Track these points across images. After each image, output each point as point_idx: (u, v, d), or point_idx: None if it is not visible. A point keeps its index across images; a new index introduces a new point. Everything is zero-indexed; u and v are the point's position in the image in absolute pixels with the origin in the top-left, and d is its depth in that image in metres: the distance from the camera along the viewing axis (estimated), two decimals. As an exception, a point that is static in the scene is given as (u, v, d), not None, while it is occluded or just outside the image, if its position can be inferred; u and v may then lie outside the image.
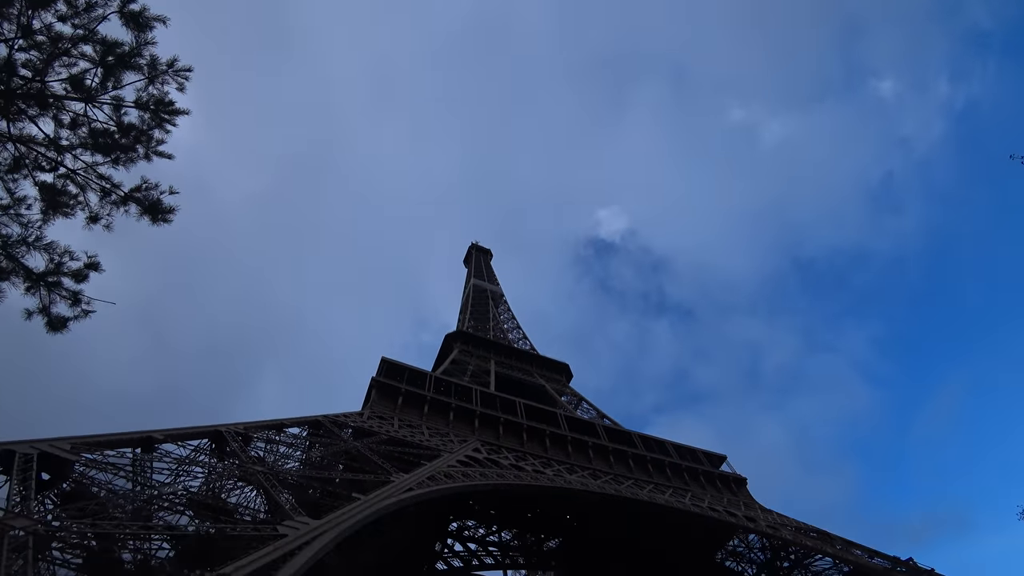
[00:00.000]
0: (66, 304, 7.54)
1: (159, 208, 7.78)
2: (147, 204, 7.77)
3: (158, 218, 7.77)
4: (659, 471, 55.11)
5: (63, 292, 7.49)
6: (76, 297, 7.61)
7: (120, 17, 6.81)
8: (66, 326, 7.60)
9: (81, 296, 7.63)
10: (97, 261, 7.63)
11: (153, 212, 7.77)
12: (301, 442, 39.95)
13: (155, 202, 7.80)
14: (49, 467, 23.14)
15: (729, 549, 52.97)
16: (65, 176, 7.36)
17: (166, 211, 7.82)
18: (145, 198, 7.78)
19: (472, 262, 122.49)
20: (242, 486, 30.67)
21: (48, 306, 7.45)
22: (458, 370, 68.48)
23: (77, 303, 7.56)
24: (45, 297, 7.43)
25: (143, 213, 7.77)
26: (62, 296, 7.49)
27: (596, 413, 70.62)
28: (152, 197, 7.81)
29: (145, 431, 28.54)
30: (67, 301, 7.54)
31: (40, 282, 7.27)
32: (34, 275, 7.21)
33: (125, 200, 7.72)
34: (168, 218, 7.86)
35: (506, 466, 43.36)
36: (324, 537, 25.44)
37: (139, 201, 7.76)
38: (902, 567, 42.09)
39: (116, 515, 22.18)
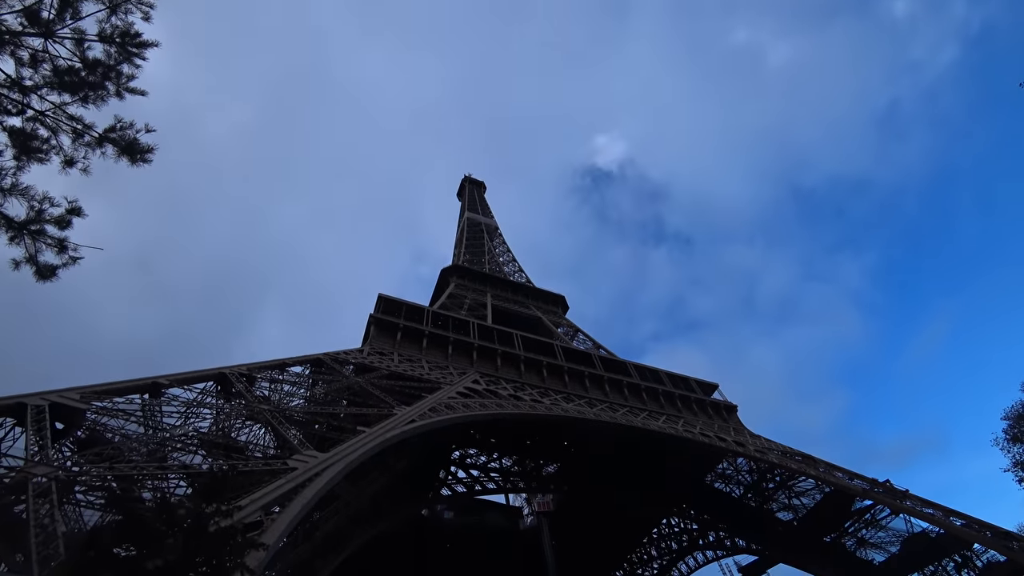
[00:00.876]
0: (52, 252, 7.37)
1: (136, 148, 7.42)
2: (123, 144, 7.42)
3: (136, 158, 7.44)
4: (653, 399, 56.81)
5: (48, 240, 7.30)
6: (62, 244, 7.42)
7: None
8: (55, 274, 7.46)
9: (67, 243, 7.45)
10: (79, 207, 7.39)
11: (130, 152, 7.43)
12: (304, 380, 40.72)
13: (131, 142, 7.44)
14: (61, 416, 23.61)
15: (718, 472, 55.52)
16: (34, 119, 6.98)
17: (144, 151, 7.46)
18: (121, 138, 7.42)
19: (466, 195, 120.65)
20: (250, 425, 31.48)
21: (35, 255, 7.27)
22: (455, 304, 68.99)
23: (64, 250, 7.39)
24: (30, 246, 7.24)
25: (120, 154, 7.43)
26: (47, 244, 7.30)
27: (592, 344, 71.91)
28: (128, 137, 7.44)
29: (151, 377, 28.93)
30: (53, 249, 7.36)
31: (23, 231, 7.07)
32: (15, 224, 6.99)
33: (100, 141, 7.35)
34: (147, 158, 7.52)
35: (505, 396, 44.57)
36: (333, 469, 26.44)
37: (115, 142, 7.40)
38: (879, 488, 44.39)
39: (132, 458, 22.86)
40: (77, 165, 7.35)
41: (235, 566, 12.30)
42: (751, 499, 54.09)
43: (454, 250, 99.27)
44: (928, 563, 42.95)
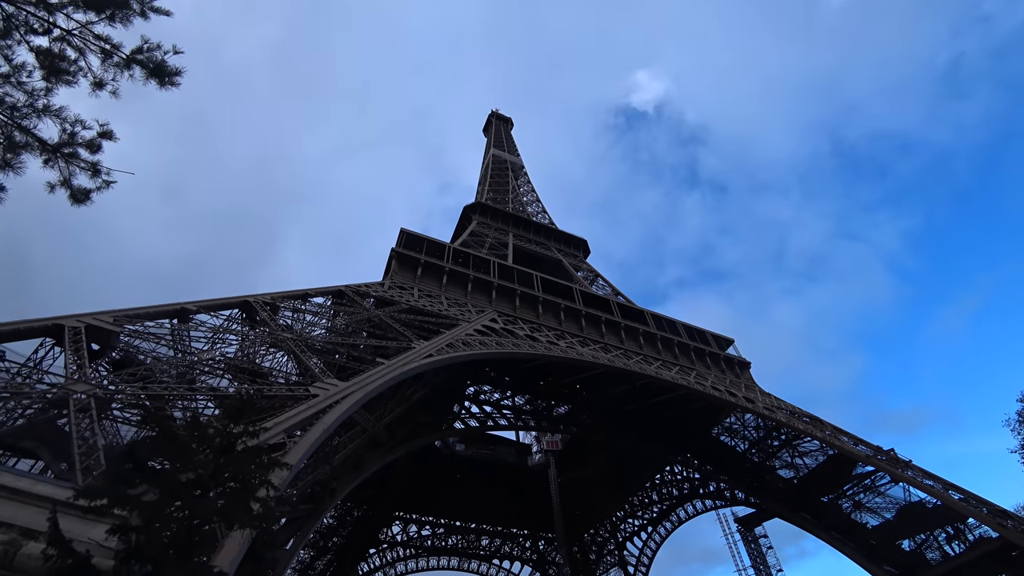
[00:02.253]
0: (86, 176, 7.38)
1: (165, 70, 7.24)
2: (152, 66, 7.24)
3: (165, 81, 7.28)
4: (668, 349, 57.07)
5: (81, 163, 7.29)
6: (95, 168, 7.41)
7: None
8: (89, 197, 7.50)
9: (100, 167, 7.44)
10: (110, 130, 7.32)
11: (159, 74, 7.26)
12: (326, 311, 41.54)
13: (160, 64, 7.26)
14: (97, 338, 24.55)
15: (725, 425, 56.24)
16: (61, 39, 6.80)
17: (172, 73, 7.29)
18: (148, 60, 7.24)
19: (492, 131, 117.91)
20: (274, 352, 32.41)
21: (69, 178, 7.30)
22: (476, 242, 68.89)
23: (97, 174, 7.39)
24: (64, 169, 7.25)
25: (149, 76, 7.27)
26: (81, 168, 7.30)
27: (611, 290, 71.80)
28: (156, 59, 7.25)
29: (179, 303, 29.74)
30: (87, 172, 7.37)
31: (56, 153, 7.05)
32: (49, 146, 6.96)
33: (128, 63, 7.17)
34: (175, 81, 7.36)
35: (521, 336, 45.11)
36: (352, 397, 27.34)
37: (143, 63, 7.22)
38: (883, 456, 44.67)
39: (163, 379, 23.83)
40: (107, 87, 7.23)
41: (261, 482, 12.96)
42: (755, 454, 55.06)
43: (477, 187, 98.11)
44: (920, 532, 43.76)
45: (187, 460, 11.68)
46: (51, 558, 9.32)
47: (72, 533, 10.51)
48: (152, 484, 11.04)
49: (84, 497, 9.38)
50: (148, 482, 10.98)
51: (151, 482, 11.02)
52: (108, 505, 9.81)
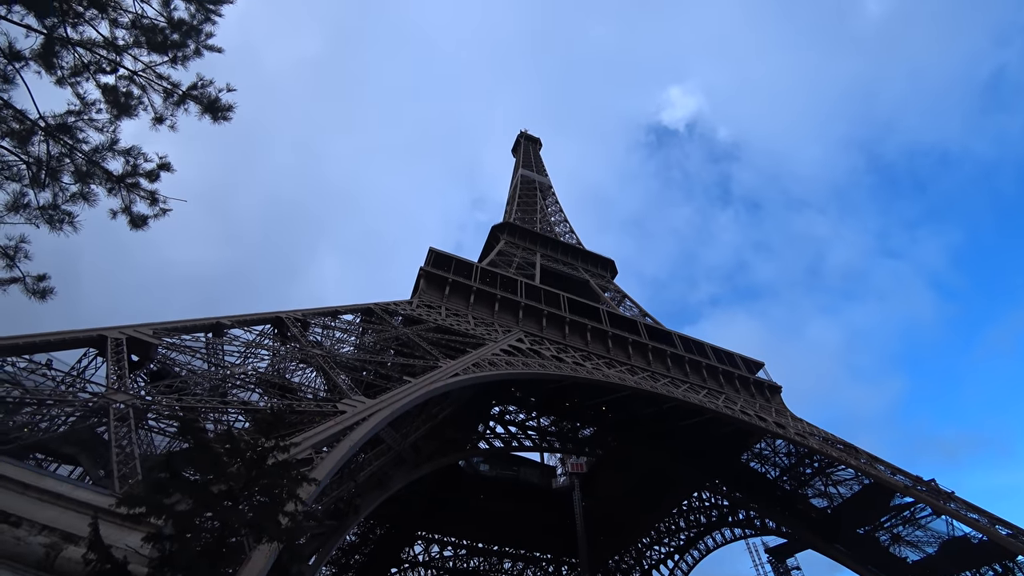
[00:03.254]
0: (145, 204, 7.94)
1: (218, 107, 7.81)
2: (206, 103, 7.80)
3: (218, 116, 7.84)
4: (696, 372, 56.20)
5: (141, 192, 7.87)
6: (153, 197, 7.99)
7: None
8: (146, 223, 8.06)
9: (157, 195, 8.01)
10: (168, 162, 7.92)
11: (213, 111, 7.82)
12: (355, 328, 42.29)
13: (213, 100, 7.81)
14: (136, 349, 25.54)
15: (755, 451, 54.87)
16: (128, 78, 7.41)
17: (225, 109, 7.85)
18: (203, 96, 7.81)
19: (520, 151, 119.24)
20: (303, 367, 33.11)
21: (129, 206, 7.87)
22: (504, 261, 69.37)
23: (155, 202, 7.96)
24: (126, 198, 7.82)
25: (204, 112, 7.83)
26: (141, 196, 7.87)
27: (638, 311, 71.28)
28: (210, 95, 7.82)
29: (215, 317, 30.71)
30: (146, 201, 7.93)
31: (120, 184, 7.63)
32: (114, 177, 7.55)
33: (183, 99, 7.75)
34: (227, 116, 7.90)
35: (548, 357, 45.07)
36: (379, 415, 27.69)
37: (197, 99, 7.79)
38: (923, 486, 42.86)
39: (197, 392, 24.61)
40: (166, 122, 7.79)
41: (289, 496, 13.28)
42: (786, 482, 53.52)
43: (506, 207, 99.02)
44: (966, 569, 41.66)
45: (220, 472, 12.06)
46: (91, 563, 9.72)
47: (110, 539, 10.93)
48: (186, 494, 11.43)
49: (124, 505, 9.80)
50: (182, 492, 11.37)
51: (185, 492, 11.41)
52: (145, 513, 10.21)
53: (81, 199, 7.26)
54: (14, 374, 22.11)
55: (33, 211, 6.99)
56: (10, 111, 6.50)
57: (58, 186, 7.06)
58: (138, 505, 9.95)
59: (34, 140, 6.78)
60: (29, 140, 6.75)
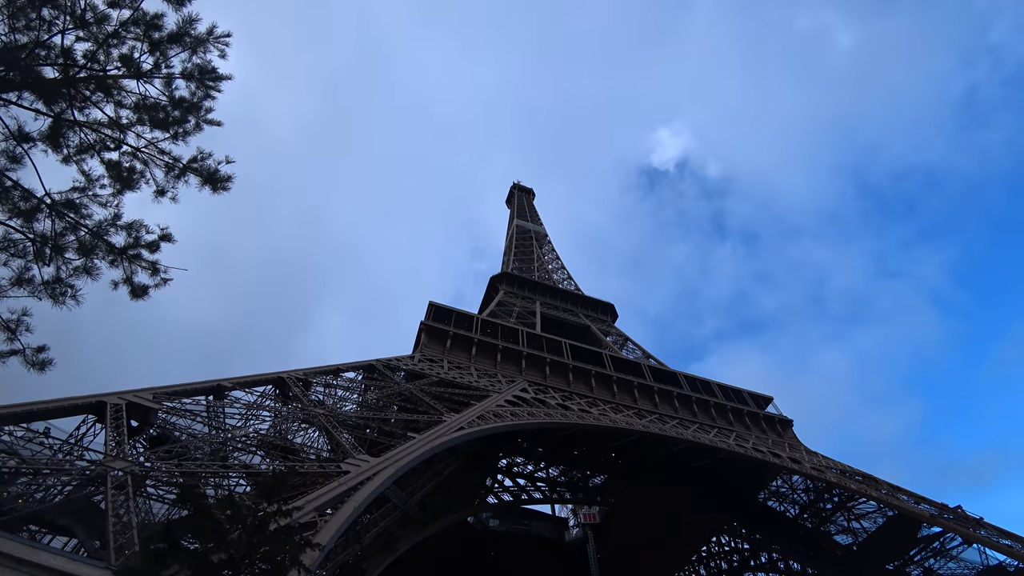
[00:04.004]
0: (146, 274, 8.14)
1: (217, 178, 8.12)
2: (206, 175, 8.13)
3: (217, 187, 8.15)
4: (704, 411, 55.46)
5: (143, 264, 8.08)
6: (154, 267, 8.19)
7: (163, -5, 7.02)
8: (147, 293, 8.22)
9: (158, 265, 8.21)
10: (169, 233, 8.19)
11: (212, 182, 8.13)
12: (357, 385, 41.97)
13: (213, 172, 8.13)
14: (136, 415, 25.33)
15: (772, 489, 53.52)
16: (131, 154, 7.76)
17: (224, 180, 8.16)
18: (203, 168, 8.14)
19: (515, 202, 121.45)
20: (306, 427, 32.70)
21: (131, 276, 8.07)
22: (504, 312, 69.49)
23: (156, 273, 8.16)
24: (127, 269, 8.03)
25: (204, 183, 8.14)
26: (142, 267, 8.08)
27: (641, 353, 70.92)
28: (210, 167, 8.15)
29: (215, 380, 30.58)
30: (147, 271, 8.13)
31: (122, 255, 7.85)
32: (117, 249, 7.78)
33: (184, 172, 8.08)
34: (227, 186, 8.21)
35: (553, 406, 44.55)
36: (384, 473, 27.16)
37: (197, 172, 8.12)
38: (949, 514, 41.57)
39: (197, 456, 24.25)
40: (168, 194, 8.10)
41: (292, 563, 12.92)
42: (807, 520, 51.89)
43: (503, 257, 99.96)
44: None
45: (220, 539, 11.81)
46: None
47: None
48: (185, 564, 11.16)
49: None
50: (181, 562, 11.11)
51: (184, 562, 11.15)
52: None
53: (84, 273, 7.46)
54: (11, 443, 21.84)
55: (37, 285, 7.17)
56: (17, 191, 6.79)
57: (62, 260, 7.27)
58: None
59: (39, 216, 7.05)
60: (34, 217, 7.02)
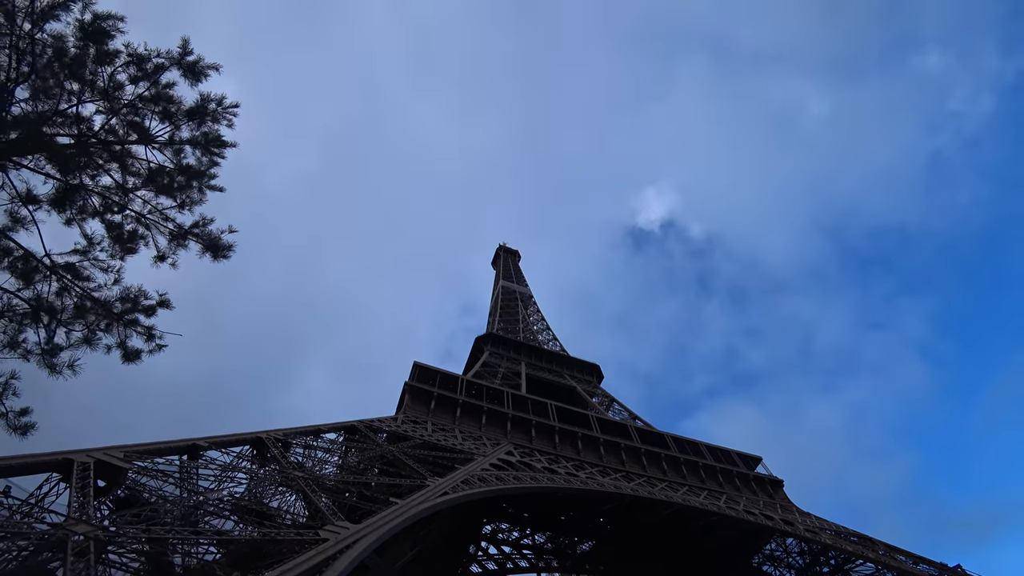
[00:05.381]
0: (141, 339, 8.10)
1: (220, 247, 8.26)
2: (208, 242, 8.27)
3: (218, 256, 8.27)
4: (693, 473, 54.55)
5: (139, 329, 8.05)
6: (150, 333, 8.16)
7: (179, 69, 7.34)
8: (139, 358, 8.15)
9: (154, 331, 8.18)
10: (167, 299, 8.22)
11: (214, 250, 8.27)
12: (338, 447, 40.85)
13: (215, 240, 8.29)
14: (105, 474, 24.27)
15: (766, 553, 52.14)
16: (135, 219, 7.91)
17: (226, 247, 8.30)
18: (204, 234, 8.28)
19: (500, 263, 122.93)
20: (283, 491, 31.55)
21: (124, 341, 8.01)
22: (489, 372, 68.93)
23: (151, 338, 8.12)
24: (121, 333, 7.99)
25: (205, 251, 8.27)
26: (138, 332, 8.04)
27: (628, 414, 70.27)
28: (212, 234, 8.29)
29: (191, 439, 29.62)
30: (142, 337, 8.09)
31: (118, 320, 7.83)
32: (114, 314, 7.78)
33: (185, 236, 8.21)
34: (227, 255, 8.34)
35: (539, 469, 43.55)
36: (364, 541, 26.07)
37: (199, 237, 8.26)
38: (948, 574, 40.76)
39: (167, 520, 23.16)
40: (168, 260, 8.21)
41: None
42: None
43: (488, 318, 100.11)
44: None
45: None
46: None
47: None
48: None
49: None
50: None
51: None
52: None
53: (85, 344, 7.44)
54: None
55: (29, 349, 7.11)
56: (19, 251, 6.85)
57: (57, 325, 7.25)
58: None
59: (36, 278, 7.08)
60: (32, 279, 7.04)
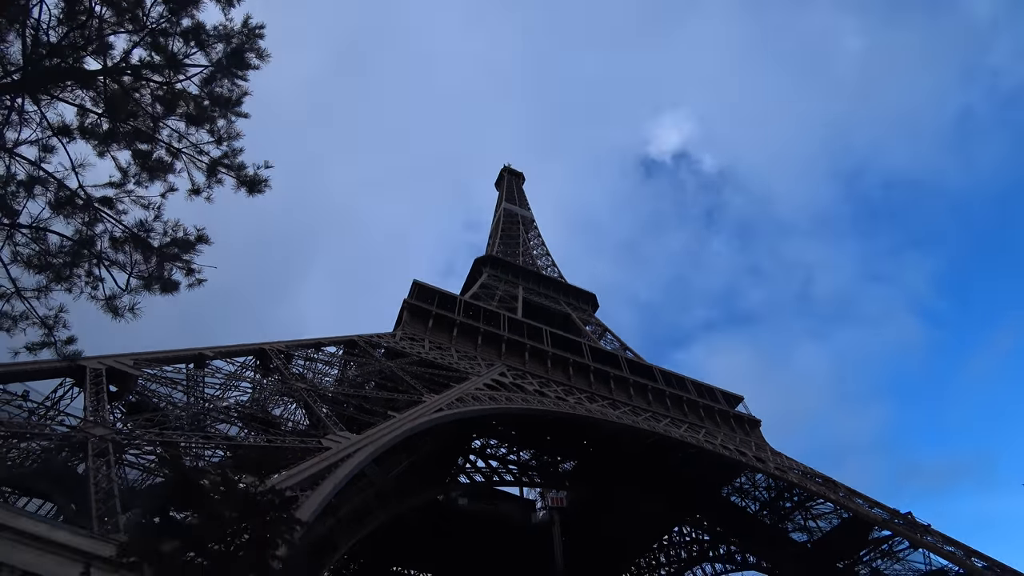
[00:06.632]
0: (181, 273, 8.12)
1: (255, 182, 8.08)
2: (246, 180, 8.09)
3: (254, 190, 8.13)
4: (676, 406, 56.72)
5: (179, 264, 8.06)
6: (189, 267, 8.18)
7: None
8: (177, 289, 8.23)
9: (193, 266, 8.20)
10: (206, 234, 8.15)
11: (250, 186, 8.11)
12: (338, 360, 42.01)
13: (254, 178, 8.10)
14: (116, 380, 25.07)
15: (735, 486, 55.28)
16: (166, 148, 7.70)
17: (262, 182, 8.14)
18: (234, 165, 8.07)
19: (504, 185, 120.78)
20: (286, 400, 32.75)
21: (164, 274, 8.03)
22: (487, 295, 69.72)
23: (191, 273, 8.15)
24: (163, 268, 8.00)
25: (240, 185, 8.12)
26: (178, 267, 8.05)
27: (619, 344, 71.94)
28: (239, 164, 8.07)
29: (197, 348, 30.36)
30: (182, 271, 8.12)
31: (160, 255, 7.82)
32: (154, 249, 7.76)
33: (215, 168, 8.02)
34: (262, 189, 8.20)
35: (530, 392, 45.17)
36: (364, 451, 27.48)
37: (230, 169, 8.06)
38: (900, 519, 43.64)
39: (177, 425, 24.20)
40: (203, 194, 8.08)
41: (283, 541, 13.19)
42: (766, 516, 53.81)
43: (488, 240, 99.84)
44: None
45: (215, 520, 11.99)
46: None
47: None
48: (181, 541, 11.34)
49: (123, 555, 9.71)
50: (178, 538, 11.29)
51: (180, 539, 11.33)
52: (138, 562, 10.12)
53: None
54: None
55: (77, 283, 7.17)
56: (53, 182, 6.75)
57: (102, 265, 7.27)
58: (135, 555, 9.86)
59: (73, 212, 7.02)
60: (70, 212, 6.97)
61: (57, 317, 7.34)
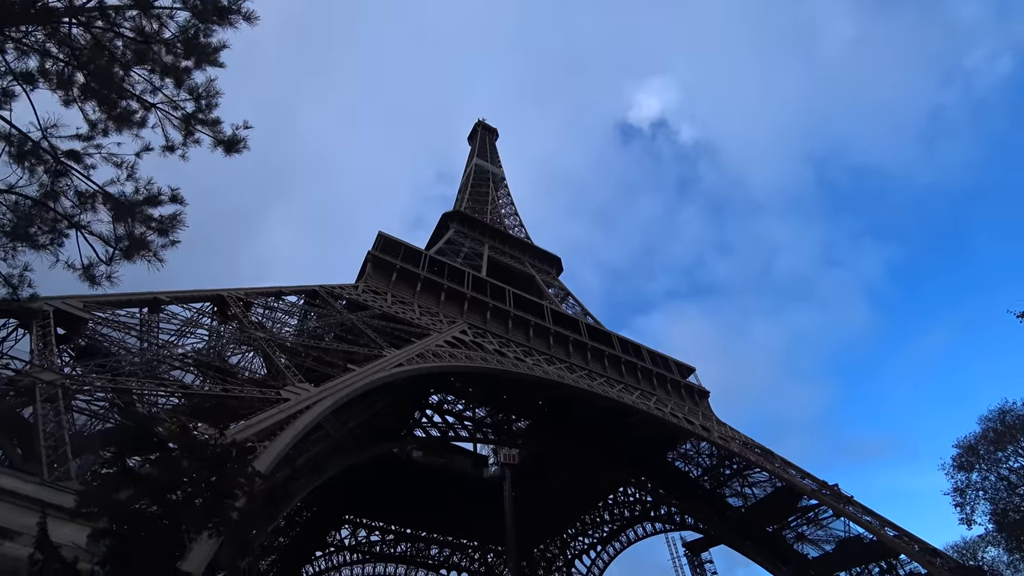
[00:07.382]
0: (153, 234, 7.70)
1: (235, 141, 7.66)
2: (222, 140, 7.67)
3: (231, 151, 7.71)
4: (631, 373, 58.47)
5: (152, 224, 7.64)
6: (162, 227, 7.78)
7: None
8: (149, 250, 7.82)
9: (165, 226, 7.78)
10: (180, 194, 7.70)
11: (227, 145, 7.69)
12: (298, 310, 41.44)
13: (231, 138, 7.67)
14: (64, 323, 24.10)
15: (680, 452, 57.97)
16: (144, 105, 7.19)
17: (239, 142, 7.71)
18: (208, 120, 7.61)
19: (477, 140, 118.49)
20: (244, 349, 32.26)
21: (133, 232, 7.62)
22: (452, 250, 69.34)
23: (164, 233, 7.75)
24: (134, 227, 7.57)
25: (216, 144, 7.70)
26: (151, 228, 7.63)
27: (580, 309, 73.11)
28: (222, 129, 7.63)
29: (152, 292, 29.33)
30: (154, 232, 7.70)
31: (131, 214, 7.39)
32: (126, 207, 7.33)
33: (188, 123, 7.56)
34: (240, 149, 7.78)
35: (490, 351, 45.72)
36: (323, 403, 27.52)
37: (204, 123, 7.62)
38: (826, 490, 46.98)
39: (130, 371, 23.61)
40: (177, 152, 7.62)
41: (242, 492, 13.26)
42: (706, 481, 56.82)
43: (457, 195, 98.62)
44: (856, 565, 46.19)
45: (172, 469, 11.94)
46: (37, 563, 9.52)
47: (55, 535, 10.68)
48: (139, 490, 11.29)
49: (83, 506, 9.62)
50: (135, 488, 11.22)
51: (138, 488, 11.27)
52: (98, 512, 10.05)
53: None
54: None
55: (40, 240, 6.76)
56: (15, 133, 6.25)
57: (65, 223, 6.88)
58: (95, 505, 9.78)
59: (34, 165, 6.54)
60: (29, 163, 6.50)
61: (23, 276, 6.98)
